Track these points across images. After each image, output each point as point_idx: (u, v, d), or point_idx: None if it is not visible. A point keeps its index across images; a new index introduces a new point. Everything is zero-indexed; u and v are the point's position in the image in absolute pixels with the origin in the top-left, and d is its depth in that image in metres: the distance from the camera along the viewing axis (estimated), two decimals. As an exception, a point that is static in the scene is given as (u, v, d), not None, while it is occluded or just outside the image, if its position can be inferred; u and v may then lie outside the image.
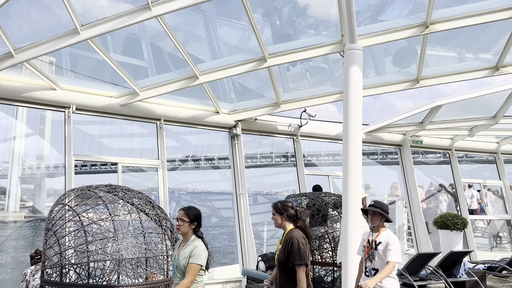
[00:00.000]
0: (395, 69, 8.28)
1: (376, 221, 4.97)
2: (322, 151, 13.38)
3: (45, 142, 12.96)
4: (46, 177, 16.50)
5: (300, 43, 6.75)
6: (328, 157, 15.03)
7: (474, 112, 9.98)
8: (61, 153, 7.25)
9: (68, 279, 4.35)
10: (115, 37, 6.97)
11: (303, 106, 8.71)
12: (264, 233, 11.01)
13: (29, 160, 16.61)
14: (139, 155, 9.57)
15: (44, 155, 16.24)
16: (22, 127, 10.91)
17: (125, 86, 7.45)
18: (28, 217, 15.96)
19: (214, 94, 8.29)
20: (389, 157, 15.55)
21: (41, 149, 15.49)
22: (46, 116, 10.12)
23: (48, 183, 16.67)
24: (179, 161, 22.51)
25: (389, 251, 4.80)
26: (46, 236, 4.48)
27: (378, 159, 16.33)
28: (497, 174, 12.27)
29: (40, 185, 16.66)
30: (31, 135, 11.88)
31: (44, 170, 16.76)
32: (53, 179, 16.53)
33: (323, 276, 6.58)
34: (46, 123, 10.41)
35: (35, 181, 16.74)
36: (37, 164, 16.93)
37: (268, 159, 20.40)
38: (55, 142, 11.73)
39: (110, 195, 4.82)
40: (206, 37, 7.33)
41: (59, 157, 14.71)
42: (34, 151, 16.17)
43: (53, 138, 11.32)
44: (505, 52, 7.14)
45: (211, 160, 23.15)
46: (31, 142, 12.89)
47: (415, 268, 7.97)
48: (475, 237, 11.47)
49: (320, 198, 7.19)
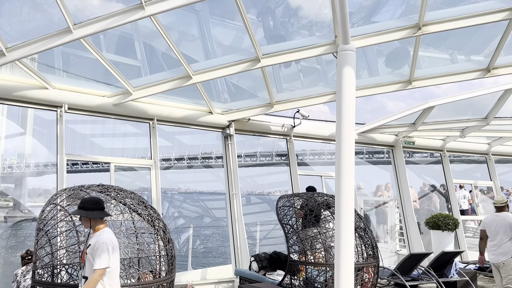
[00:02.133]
0: (387, 70, 8.31)
1: (86, 222, 4.09)
2: (308, 150, 13.34)
3: (27, 140, 12.73)
4: (28, 176, 16.17)
5: (293, 44, 6.75)
6: (314, 156, 15.04)
7: (465, 114, 10.05)
8: (44, 151, 7.19)
9: (59, 279, 4.33)
10: (108, 36, 6.93)
11: (296, 106, 8.73)
12: (257, 234, 11.02)
13: (9, 158, 16.28)
14: (131, 155, 9.53)
15: (25, 153, 15.89)
16: (1, 125, 10.72)
17: (118, 86, 7.42)
18: (8, 217, 15.63)
19: (207, 94, 8.28)
20: (375, 156, 15.62)
21: (22, 147, 15.14)
22: (28, 113, 9.91)
23: (31, 182, 16.38)
24: (174, 160, 22.43)
25: (96, 256, 3.94)
26: (38, 236, 4.45)
27: (364, 158, 16.36)
28: (488, 175, 12.38)
29: (21, 184, 16.32)
30: (12, 133, 11.68)
31: (24, 169, 16.43)
32: (38, 178, 16.23)
33: (315, 276, 6.60)
34: (28, 120, 10.23)
35: (15, 180, 16.40)
36: (17, 163, 16.58)
37: (259, 158, 20.46)
38: (39, 140, 11.54)
39: (103, 195, 4.80)
40: (199, 37, 7.32)
41: (41, 155, 14.51)
42: (14, 150, 15.80)
43: (36, 136, 11.15)
44: (496, 54, 7.20)
45: (205, 159, 23.09)
46: (12, 140, 12.60)
47: (407, 268, 8.02)
48: (466, 237, 11.55)
49: (313, 199, 7.21)
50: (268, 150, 20.55)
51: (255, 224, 11.40)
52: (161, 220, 5.05)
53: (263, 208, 16.32)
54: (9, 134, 11.16)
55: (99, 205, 4.08)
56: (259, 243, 10.86)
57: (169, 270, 4.79)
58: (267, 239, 11.93)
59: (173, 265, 4.85)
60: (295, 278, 6.70)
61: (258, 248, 10.72)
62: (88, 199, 4.13)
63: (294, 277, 6.70)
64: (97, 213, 4.01)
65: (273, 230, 12.27)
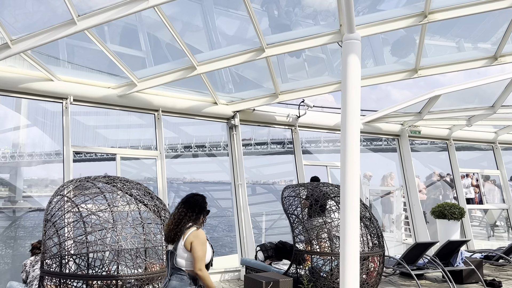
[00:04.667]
0: (393, 59, 8.24)
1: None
2: (303, 138, 13.31)
3: (21, 130, 12.72)
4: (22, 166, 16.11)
5: (298, 33, 6.71)
6: (311, 144, 15.02)
7: (472, 102, 9.98)
8: (43, 141, 7.20)
9: (67, 269, 4.38)
10: (112, 27, 6.92)
11: (301, 96, 8.71)
12: (262, 223, 11.07)
13: (3, 147, 16.27)
14: (137, 146, 9.53)
15: (20, 143, 15.86)
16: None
17: (123, 76, 7.43)
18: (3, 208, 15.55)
19: (212, 84, 8.27)
20: (374, 144, 15.56)
21: (16, 138, 15.11)
22: (22, 103, 9.88)
23: (35, 172, 16.38)
24: (181, 149, 22.47)
25: None
26: (45, 227, 4.50)
27: (361, 145, 16.37)
28: (494, 163, 12.32)
29: (16, 174, 16.29)
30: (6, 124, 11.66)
31: (18, 159, 16.41)
32: (40, 168, 16.23)
33: (321, 266, 6.63)
34: (22, 109, 10.22)
35: (10, 170, 16.38)
36: (11, 152, 16.55)
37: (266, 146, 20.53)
38: (35, 130, 11.49)
39: (109, 186, 4.83)
40: (203, 27, 7.29)
41: (37, 145, 14.45)
42: (9, 140, 15.77)
43: (31, 126, 11.12)
44: (504, 42, 7.11)
45: (212, 147, 23.14)
46: (9, 129, 12.55)
47: (412, 257, 8.03)
48: (472, 226, 11.54)
49: (318, 189, 7.21)
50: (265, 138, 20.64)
51: (260, 214, 11.46)
52: (167, 211, 5.08)
53: (268, 198, 16.38)
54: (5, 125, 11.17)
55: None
56: (265, 233, 10.91)
57: (175, 260, 4.82)
58: (272, 229, 11.98)
59: (180, 255, 4.88)
60: (301, 268, 6.73)
61: (264, 238, 10.78)
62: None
63: (299, 267, 6.73)
64: None
65: (279, 220, 12.33)
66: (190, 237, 3.62)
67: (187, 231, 3.64)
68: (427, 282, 8.43)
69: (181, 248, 3.61)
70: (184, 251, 3.61)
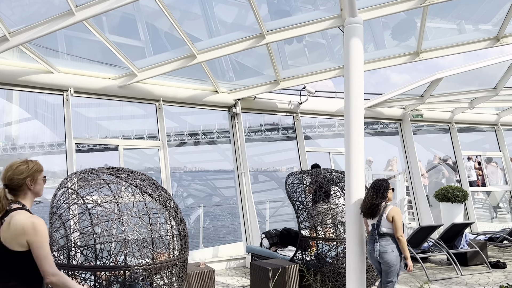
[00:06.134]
0: (394, 43, 8.18)
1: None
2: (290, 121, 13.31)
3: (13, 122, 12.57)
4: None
5: (298, 19, 6.64)
6: (305, 129, 14.97)
7: (472, 85, 9.92)
8: (33, 133, 7.11)
9: (75, 261, 4.39)
10: (110, 17, 6.86)
11: (302, 83, 8.66)
12: (266, 211, 11.10)
13: None
14: (140, 136, 9.49)
15: (12, 135, 15.73)
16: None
17: (123, 66, 7.38)
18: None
19: (212, 73, 8.22)
20: (370, 127, 15.54)
21: (8, 130, 14.96)
22: (13, 94, 9.75)
23: None
24: (184, 137, 22.44)
25: None
26: (51, 219, 4.50)
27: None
28: (497, 145, 12.30)
29: None
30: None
31: (10, 151, 16.31)
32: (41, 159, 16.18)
33: (326, 251, 6.65)
34: (13, 100, 10.11)
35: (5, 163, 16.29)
36: (3, 145, 16.42)
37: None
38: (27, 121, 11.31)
39: (113, 178, 4.83)
40: (202, 15, 7.22)
41: (29, 137, 14.29)
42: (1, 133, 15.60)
43: (22, 118, 10.99)
44: (506, 23, 7.04)
45: (212, 134, 23.15)
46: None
47: (417, 241, 8.06)
48: (476, 209, 11.56)
49: (322, 175, 7.21)
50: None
51: (262, 202, 11.48)
52: (172, 200, 5.08)
53: (271, 185, 16.42)
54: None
55: None
56: (269, 220, 10.95)
57: (182, 249, 4.84)
58: (275, 216, 12.02)
59: (186, 244, 4.89)
60: (306, 254, 6.76)
61: (268, 225, 10.81)
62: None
63: (305, 253, 6.76)
64: None
65: (282, 207, 12.36)
66: (391, 212, 5.00)
67: (387, 208, 5.04)
68: (432, 265, 8.48)
69: (384, 220, 5.02)
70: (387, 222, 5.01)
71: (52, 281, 2.49)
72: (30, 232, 2.48)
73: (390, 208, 5.02)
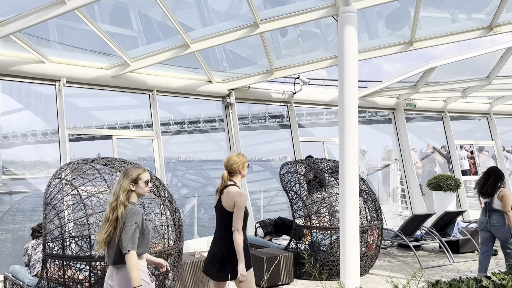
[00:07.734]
0: (388, 32, 8.17)
1: None
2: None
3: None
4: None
5: (292, 8, 6.60)
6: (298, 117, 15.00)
7: (465, 74, 9.95)
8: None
9: (70, 251, 4.39)
10: (102, 6, 6.78)
11: (297, 72, 8.63)
12: (260, 201, 11.14)
13: None
14: (131, 125, 9.44)
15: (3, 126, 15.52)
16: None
17: (116, 56, 7.31)
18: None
19: (206, 63, 8.17)
20: (360, 116, 15.57)
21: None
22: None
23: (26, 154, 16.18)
24: (175, 125, 22.35)
25: None
26: (46, 210, 4.49)
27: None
28: (489, 134, 12.39)
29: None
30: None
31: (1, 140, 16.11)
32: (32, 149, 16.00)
33: (320, 240, 6.70)
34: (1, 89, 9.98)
35: None
36: None
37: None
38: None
39: (107, 168, 4.81)
40: (195, 4, 7.16)
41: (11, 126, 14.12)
42: None
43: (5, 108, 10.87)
44: (499, 12, 7.04)
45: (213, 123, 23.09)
46: None
47: (410, 229, 8.14)
48: (468, 197, 11.67)
49: (316, 164, 7.24)
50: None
51: (256, 192, 11.51)
52: (166, 190, 5.08)
53: (265, 175, 16.45)
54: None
55: None
56: (263, 210, 11.00)
57: (177, 239, 4.85)
58: (270, 206, 12.07)
59: (181, 234, 4.91)
60: (301, 243, 6.81)
61: (262, 215, 10.86)
62: None
63: (299, 242, 6.81)
64: None
65: (276, 196, 12.40)
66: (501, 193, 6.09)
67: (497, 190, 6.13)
68: (425, 253, 8.58)
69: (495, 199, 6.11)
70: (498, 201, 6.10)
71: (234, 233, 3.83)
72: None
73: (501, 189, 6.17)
